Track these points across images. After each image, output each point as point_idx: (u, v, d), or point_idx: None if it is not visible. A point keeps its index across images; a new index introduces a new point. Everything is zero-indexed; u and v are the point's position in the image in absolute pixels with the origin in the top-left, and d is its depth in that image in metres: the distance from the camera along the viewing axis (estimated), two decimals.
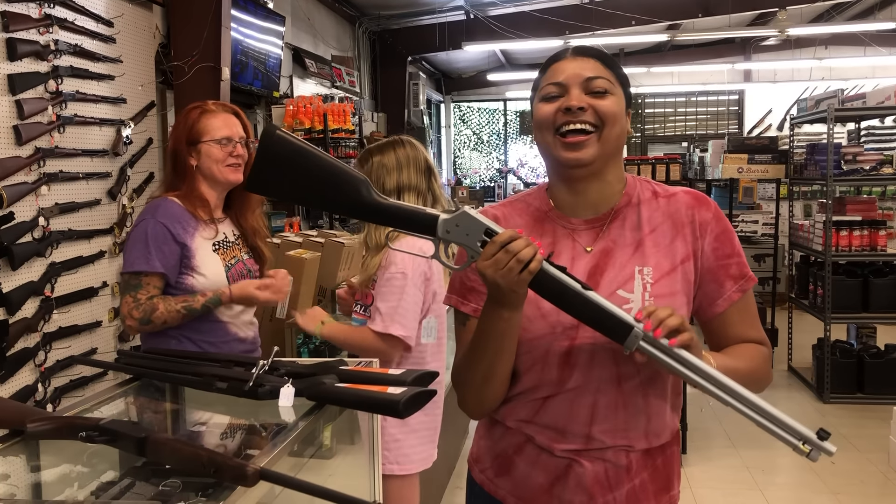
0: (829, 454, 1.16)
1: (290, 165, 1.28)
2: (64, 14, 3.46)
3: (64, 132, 3.45)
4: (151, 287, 2.13)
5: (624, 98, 1.35)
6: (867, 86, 9.45)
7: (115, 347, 3.82)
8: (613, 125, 1.31)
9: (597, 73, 1.32)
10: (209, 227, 2.24)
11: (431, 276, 2.34)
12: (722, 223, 1.39)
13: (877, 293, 5.36)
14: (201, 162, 2.23)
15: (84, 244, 3.62)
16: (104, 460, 1.32)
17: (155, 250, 2.12)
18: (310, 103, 5.48)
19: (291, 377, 1.45)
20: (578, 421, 1.33)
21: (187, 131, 2.23)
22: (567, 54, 1.36)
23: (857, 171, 5.56)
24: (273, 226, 4.98)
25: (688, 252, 1.36)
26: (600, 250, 1.35)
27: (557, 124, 1.31)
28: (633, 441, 1.35)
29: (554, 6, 8.39)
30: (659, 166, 7.03)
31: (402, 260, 2.25)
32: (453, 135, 13.09)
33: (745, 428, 4.80)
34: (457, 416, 4.10)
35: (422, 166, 2.36)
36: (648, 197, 1.40)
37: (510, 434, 1.40)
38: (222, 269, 2.23)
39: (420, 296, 2.29)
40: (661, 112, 12.11)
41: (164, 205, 2.19)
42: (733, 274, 1.36)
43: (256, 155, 1.29)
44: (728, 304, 1.36)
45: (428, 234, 1.27)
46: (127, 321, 2.13)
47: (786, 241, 6.66)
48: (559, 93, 1.32)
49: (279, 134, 1.29)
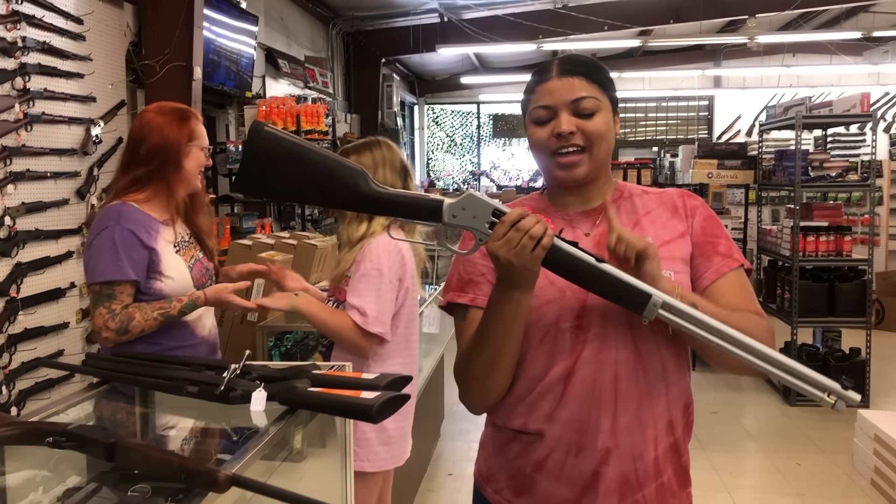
0: (854, 403, 1.17)
1: (283, 163, 1.23)
2: (32, 10, 3.41)
3: (31, 130, 3.40)
4: (125, 296, 2.09)
5: (611, 108, 1.39)
6: (833, 93, 9.63)
7: (82, 349, 3.77)
8: (601, 143, 1.36)
9: (583, 93, 1.34)
10: (168, 229, 2.22)
11: (405, 275, 2.35)
12: (709, 210, 1.46)
13: (842, 298, 5.45)
14: (187, 163, 2.22)
15: (51, 244, 3.57)
16: (71, 466, 1.30)
17: (126, 258, 2.08)
18: (282, 104, 5.45)
19: (263, 381, 1.44)
20: (602, 399, 1.30)
21: (188, 132, 2.22)
22: (553, 74, 1.37)
23: (824, 177, 5.66)
24: (244, 227, 4.94)
25: (685, 229, 1.41)
26: (600, 232, 1.39)
27: (552, 148, 1.36)
28: (657, 418, 1.33)
29: (527, 10, 8.42)
30: (630, 171, 7.11)
31: (377, 256, 2.26)
32: (426, 137, 13.08)
33: (714, 431, 4.86)
34: (428, 418, 4.09)
35: (397, 167, 2.38)
36: (639, 192, 1.48)
37: (528, 451, 1.36)
38: (186, 270, 2.21)
39: (394, 293, 2.30)
40: (632, 117, 12.20)
41: (126, 210, 2.14)
42: (721, 251, 1.39)
43: (244, 154, 1.24)
44: (716, 276, 1.37)
45: (433, 220, 1.24)
46: (103, 333, 2.07)
47: (754, 246, 6.75)
48: (549, 116, 1.36)
49: (267, 130, 1.24)
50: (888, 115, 10.64)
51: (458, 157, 13.31)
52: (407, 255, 2.39)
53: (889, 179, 9.22)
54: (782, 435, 4.90)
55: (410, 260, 2.42)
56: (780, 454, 4.53)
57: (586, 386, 1.31)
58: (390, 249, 2.29)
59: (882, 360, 6.31)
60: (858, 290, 5.43)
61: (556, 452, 1.34)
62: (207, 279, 2.30)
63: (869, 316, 5.41)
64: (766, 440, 4.81)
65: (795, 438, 4.81)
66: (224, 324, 3.36)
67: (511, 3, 8.16)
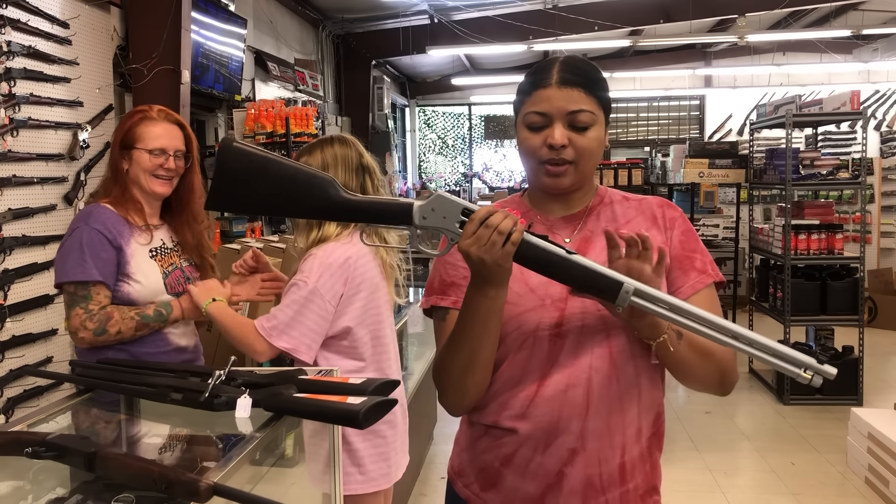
0: (829, 377, 1.16)
1: (254, 177, 1.24)
2: (17, 15, 3.38)
3: (17, 136, 3.37)
4: (101, 297, 2.07)
5: (604, 121, 1.38)
6: (823, 92, 9.66)
7: (71, 356, 3.73)
8: (590, 159, 1.36)
9: (580, 106, 1.33)
10: (144, 233, 2.18)
11: (357, 291, 2.22)
12: (688, 223, 1.46)
13: (834, 296, 5.46)
14: (131, 168, 2.17)
15: (39, 250, 3.54)
16: (54, 476, 1.28)
17: (92, 258, 2.05)
18: (272, 107, 5.42)
19: (249, 388, 1.42)
20: (574, 404, 1.32)
21: (123, 134, 2.17)
22: (552, 80, 1.34)
23: (815, 175, 5.66)
24: (234, 231, 4.91)
25: (663, 241, 1.41)
26: (580, 239, 1.40)
27: (542, 158, 1.35)
28: (627, 426, 1.34)
29: (518, 11, 8.42)
30: (621, 171, 7.11)
31: (310, 270, 2.14)
32: (418, 139, 13.06)
33: (708, 431, 4.86)
34: (421, 421, 4.08)
35: (352, 164, 2.25)
36: (619, 199, 1.49)
37: (497, 445, 1.38)
38: (160, 275, 2.17)
39: (326, 311, 2.15)
40: (623, 117, 12.21)
41: (97, 211, 2.12)
42: (698, 267, 1.40)
43: (216, 171, 1.25)
44: (691, 292, 1.38)
45: (404, 223, 1.24)
46: (80, 333, 2.04)
47: (746, 245, 6.76)
48: (543, 123, 1.34)
49: (237, 146, 1.25)
50: (878, 113, 10.67)
51: (450, 159, 13.29)
52: (365, 267, 2.24)
53: (880, 177, 9.26)
54: (776, 434, 4.90)
55: (371, 272, 2.27)
56: (774, 453, 4.53)
57: (559, 389, 1.33)
58: (330, 263, 2.15)
59: (875, 357, 6.32)
60: (850, 288, 5.44)
61: (524, 448, 1.35)
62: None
63: (861, 314, 5.42)
64: (759, 439, 4.80)
65: (789, 437, 4.81)
66: (213, 330, 3.33)
67: (501, 4, 8.15)
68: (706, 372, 1.33)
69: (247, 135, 5.33)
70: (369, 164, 2.31)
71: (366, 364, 2.28)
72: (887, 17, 9.04)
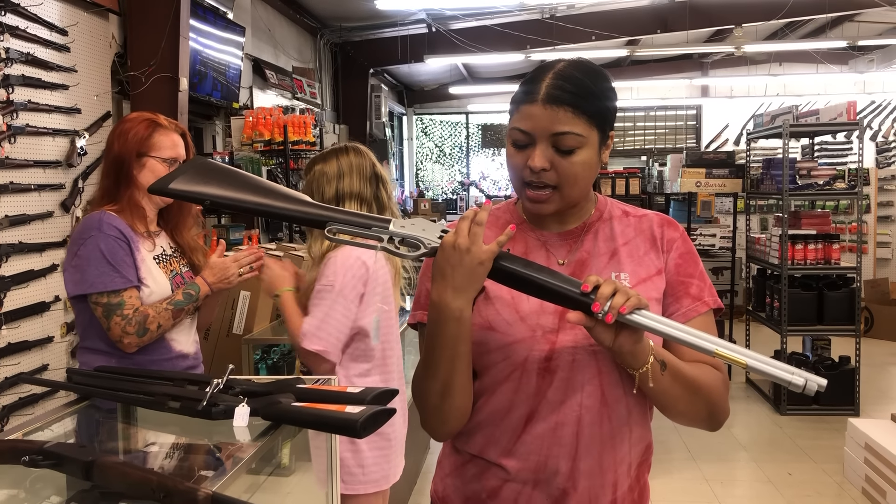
0: (821, 387, 1.10)
1: (222, 175, 1.28)
2: (15, 22, 3.38)
3: (15, 142, 3.37)
4: (134, 300, 2.09)
5: (598, 141, 1.29)
6: (819, 102, 9.70)
7: (67, 363, 3.72)
8: (575, 184, 1.28)
9: (565, 128, 1.24)
10: (147, 240, 2.20)
11: (369, 289, 2.29)
12: (688, 245, 1.39)
13: (831, 306, 5.46)
14: (142, 175, 2.18)
15: (35, 257, 3.53)
16: (50, 484, 1.27)
17: (117, 264, 2.07)
18: (270, 115, 5.42)
19: (247, 396, 1.41)
20: (563, 443, 1.27)
21: (138, 142, 2.17)
22: (539, 95, 1.24)
23: (812, 185, 5.68)
24: (231, 238, 4.91)
25: (659, 267, 1.35)
26: (575, 261, 1.34)
27: (524, 179, 1.28)
28: (618, 463, 1.30)
29: (515, 21, 8.44)
30: (619, 180, 7.12)
31: (333, 272, 2.22)
32: (415, 147, 13.08)
33: (705, 441, 4.85)
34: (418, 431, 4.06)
35: (367, 173, 2.32)
36: (619, 214, 1.40)
37: (485, 476, 1.33)
38: (166, 279, 2.19)
39: (350, 310, 2.24)
40: (620, 126, 12.23)
41: (107, 218, 2.12)
42: (693, 293, 1.34)
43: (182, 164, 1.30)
44: (684, 320, 1.31)
45: (379, 227, 1.20)
46: (125, 340, 2.05)
47: (743, 255, 6.76)
48: (526, 142, 1.26)
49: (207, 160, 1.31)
50: (874, 124, 10.72)
51: (447, 168, 13.31)
52: (375, 267, 2.32)
53: (876, 187, 9.28)
54: (773, 444, 4.89)
55: (380, 271, 2.35)
56: (771, 464, 4.53)
57: (548, 427, 1.28)
58: (350, 264, 2.23)
59: (871, 368, 6.32)
60: (847, 298, 5.45)
61: (513, 484, 1.30)
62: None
63: (858, 324, 5.42)
64: (756, 450, 4.80)
65: (786, 448, 4.81)
66: (210, 337, 3.33)
67: (499, 14, 8.17)
68: (693, 407, 1.28)
69: (244, 142, 5.33)
70: (381, 173, 2.37)
71: (371, 367, 2.31)
72: (883, 28, 9.09)
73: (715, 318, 1.38)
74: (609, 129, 1.32)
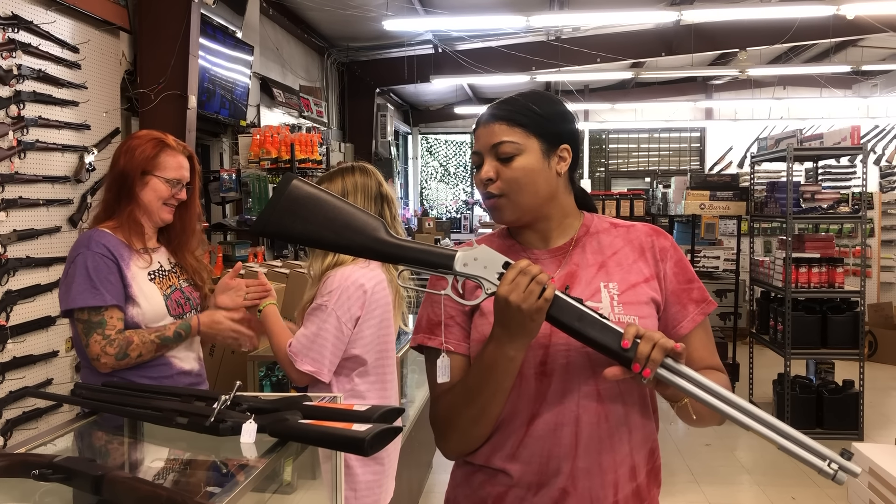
0: (854, 475, 1.14)
1: (305, 209, 1.28)
2: (28, 39, 3.42)
3: (25, 158, 3.40)
4: (115, 320, 2.07)
5: (541, 148, 1.37)
6: (823, 126, 9.73)
7: (71, 378, 3.73)
8: (521, 189, 1.36)
9: (502, 138, 1.35)
10: (142, 257, 2.19)
11: (366, 313, 2.26)
12: (679, 252, 1.46)
13: (834, 329, 5.44)
14: (144, 193, 2.18)
15: (42, 272, 3.55)
16: (58, 499, 1.28)
17: (101, 282, 2.06)
18: (277, 133, 5.46)
19: (254, 413, 1.43)
20: (563, 444, 1.31)
21: (144, 160, 2.19)
22: (482, 119, 1.40)
23: (816, 209, 5.68)
24: (237, 255, 4.93)
25: (651, 273, 1.41)
26: (564, 274, 1.39)
27: (482, 192, 1.40)
28: (619, 464, 1.33)
29: (521, 42, 8.51)
30: (623, 202, 7.14)
31: (329, 292, 2.20)
32: (420, 166, 13.14)
33: (708, 464, 4.83)
34: (420, 449, 4.05)
35: (372, 193, 2.32)
36: (607, 227, 1.47)
37: (490, 483, 1.37)
38: (160, 297, 2.18)
39: (343, 334, 2.21)
40: (624, 147, 12.29)
41: (96, 235, 2.13)
42: (695, 298, 1.41)
43: (272, 198, 1.30)
44: (693, 325, 1.40)
45: (445, 268, 1.27)
46: (102, 359, 2.04)
47: (746, 277, 6.76)
48: (478, 162, 1.39)
49: (296, 183, 1.30)
50: (878, 148, 10.74)
51: (452, 187, 13.35)
52: (381, 294, 2.30)
53: (880, 211, 9.28)
54: (776, 468, 4.87)
55: (380, 293, 2.31)
56: (775, 487, 4.50)
57: (548, 429, 1.32)
58: (347, 286, 2.21)
59: (875, 392, 6.29)
60: (851, 321, 5.44)
61: (517, 489, 1.35)
62: (189, 309, 2.26)
63: (862, 348, 5.40)
64: (760, 473, 4.77)
65: (790, 471, 4.78)
66: (215, 353, 3.34)
67: (504, 35, 8.24)
68: (710, 413, 1.30)
69: (251, 160, 5.36)
70: (388, 193, 2.36)
71: (367, 389, 2.30)
72: (886, 53, 9.13)
73: (714, 336, 1.43)
74: (559, 143, 1.39)
